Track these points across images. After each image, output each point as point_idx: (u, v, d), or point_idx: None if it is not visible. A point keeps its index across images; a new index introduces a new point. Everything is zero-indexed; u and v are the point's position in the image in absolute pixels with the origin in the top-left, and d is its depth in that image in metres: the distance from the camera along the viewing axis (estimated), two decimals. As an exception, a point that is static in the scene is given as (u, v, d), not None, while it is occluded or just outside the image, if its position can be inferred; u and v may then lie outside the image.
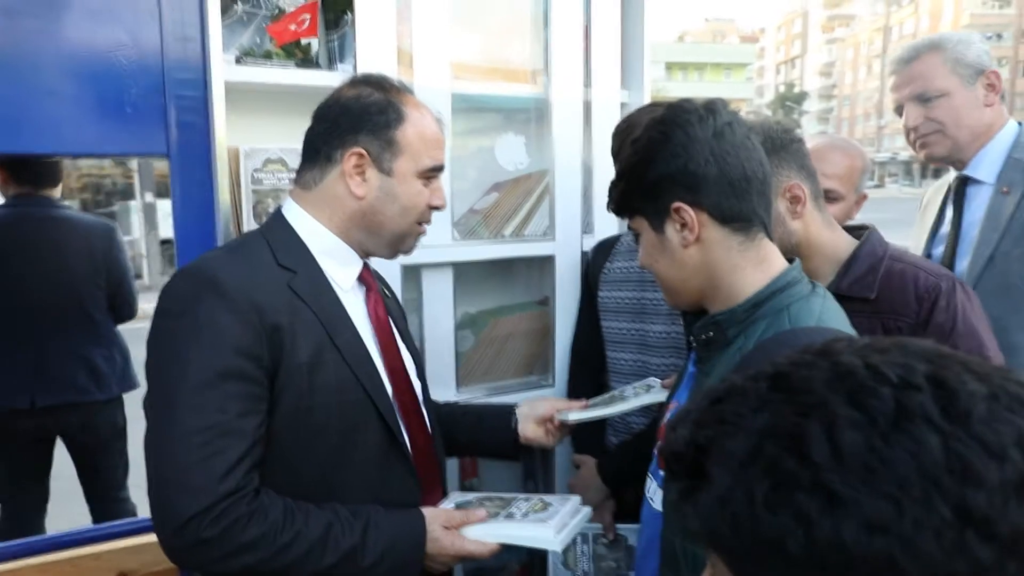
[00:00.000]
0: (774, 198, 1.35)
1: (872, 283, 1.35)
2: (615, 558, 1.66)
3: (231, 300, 1.04)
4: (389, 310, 1.32)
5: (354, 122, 1.17)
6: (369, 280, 1.27)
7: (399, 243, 1.24)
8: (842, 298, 1.34)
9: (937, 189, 1.95)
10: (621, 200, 1.14)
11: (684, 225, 1.04)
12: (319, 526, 1.06)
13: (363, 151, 1.16)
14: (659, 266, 1.10)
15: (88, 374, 2.54)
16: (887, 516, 0.42)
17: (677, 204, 1.04)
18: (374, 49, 1.63)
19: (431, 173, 1.21)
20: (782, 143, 1.37)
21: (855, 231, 1.45)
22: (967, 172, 1.77)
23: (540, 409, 1.41)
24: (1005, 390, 0.46)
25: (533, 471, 2.19)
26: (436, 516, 1.17)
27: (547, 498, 1.29)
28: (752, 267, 1.05)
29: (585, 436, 1.82)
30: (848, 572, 0.43)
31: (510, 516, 1.21)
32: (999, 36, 51.16)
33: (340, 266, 1.20)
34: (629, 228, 1.16)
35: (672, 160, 1.03)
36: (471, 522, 1.18)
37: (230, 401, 1.02)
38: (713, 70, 61.02)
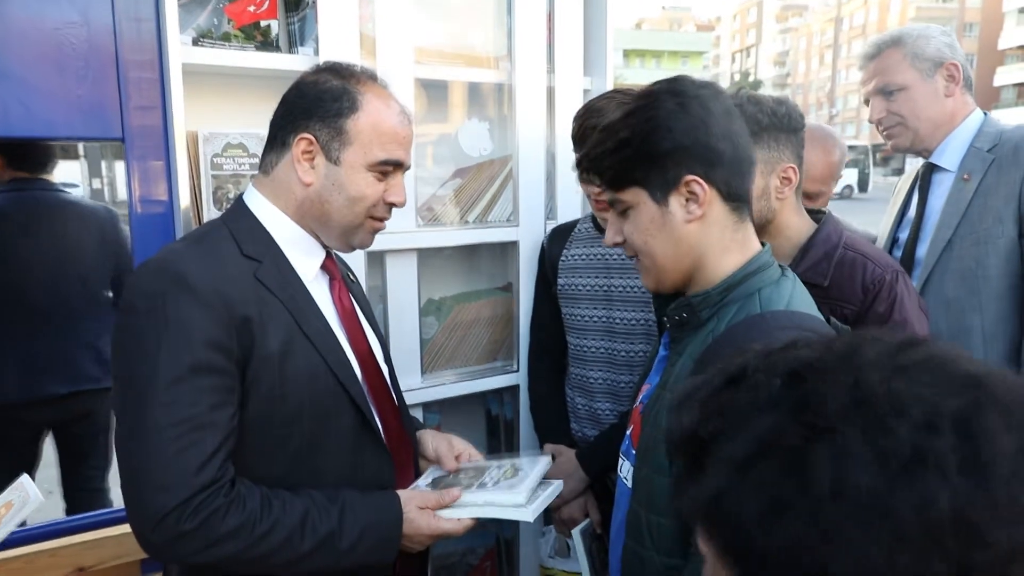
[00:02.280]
0: (770, 171, 1.41)
1: (826, 271, 1.41)
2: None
3: (199, 294, 1.03)
4: (354, 296, 1.32)
5: (307, 108, 1.15)
6: (332, 269, 1.26)
7: (349, 236, 1.21)
8: None
9: (908, 176, 2.01)
10: (620, 169, 1.06)
11: (690, 199, 1.03)
12: (296, 513, 1.06)
13: (311, 137, 1.15)
14: (654, 242, 1.07)
15: (96, 362, 2.49)
16: (878, 563, 0.41)
17: (691, 177, 1.02)
18: (336, 33, 1.61)
19: (383, 167, 1.18)
20: (794, 126, 1.43)
21: (812, 215, 1.51)
22: (932, 160, 1.84)
23: (424, 452, 1.38)
24: None
25: (498, 456, 2.21)
26: (411, 498, 1.18)
27: (518, 462, 1.31)
28: (737, 249, 1.07)
29: (552, 425, 1.84)
30: None
31: (482, 485, 1.23)
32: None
33: (303, 255, 1.19)
34: (613, 202, 1.11)
35: (691, 132, 1.01)
36: (446, 503, 1.19)
37: (202, 394, 1.01)
38: (670, 58, 61.52)
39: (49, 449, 2.61)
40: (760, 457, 0.45)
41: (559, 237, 1.85)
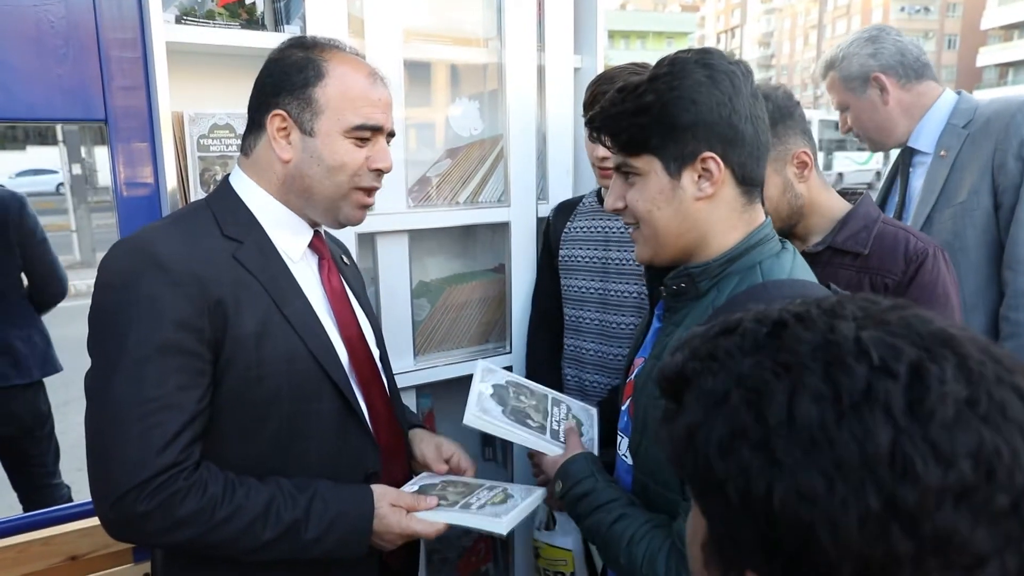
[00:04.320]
0: (783, 165, 1.41)
1: (866, 240, 1.42)
2: None
3: (172, 273, 1.02)
4: (347, 278, 1.30)
5: (275, 84, 1.14)
6: (322, 249, 1.24)
7: (335, 209, 1.18)
8: (835, 251, 1.43)
9: (894, 158, 2.04)
10: (636, 134, 1.02)
11: (703, 177, 1.01)
12: (260, 501, 1.05)
13: (284, 113, 1.13)
14: (659, 214, 1.04)
15: (5, 358, 2.42)
16: (817, 490, 0.44)
17: (708, 154, 1.00)
18: (323, 11, 1.57)
19: (360, 132, 1.14)
20: (788, 111, 1.41)
21: (850, 196, 1.53)
22: (910, 144, 1.88)
23: (415, 449, 1.36)
24: (991, 395, 0.45)
25: (491, 438, 2.21)
26: (384, 494, 1.16)
27: (511, 488, 1.25)
28: (743, 227, 1.05)
29: None
30: (771, 529, 0.46)
31: (467, 506, 1.18)
32: (927, 10, 52.78)
33: (288, 235, 1.18)
34: (621, 165, 1.06)
35: (717, 108, 0.98)
36: (420, 508, 1.17)
37: (169, 375, 1.01)
38: (655, 38, 61.24)
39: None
40: (731, 392, 0.49)
41: (564, 211, 1.86)
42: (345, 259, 1.37)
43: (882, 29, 1.87)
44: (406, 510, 1.16)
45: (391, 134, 1.21)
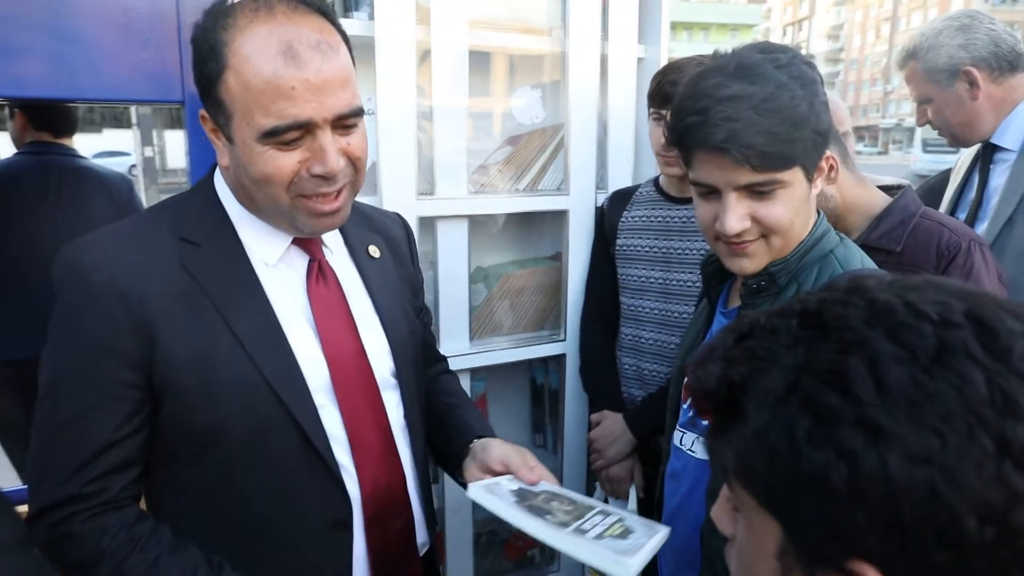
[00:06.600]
0: None
1: (900, 236, 1.39)
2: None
3: (92, 289, 0.90)
4: (366, 277, 1.11)
5: (194, 77, 0.94)
6: (313, 249, 1.05)
7: (290, 219, 0.97)
8: (868, 249, 1.39)
9: (968, 156, 1.96)
10: (792, 148, 0.96)
11: (820, 176, 1.06)
12: None
13: (205, 114, 0.95)
14: (798, 221, 1.02)
15: None
16: (931, 448, 0.44)
17: (830, 154, 1.05)
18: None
19: (279, 136, 0.88)
20: None
21: (891, 190, 1.49)
22: (993, 140, 1.79)
23: (488, 460, 1.12)
24: None
25: (542, 425, 2.22)
26: None
27: (628, 520, 1.02)
28: (810, 221, 1.09)
29: (604, 388, 1.85)
30: (889, 502, 0.44)
31: (580, 532, 0.97)
32: (1013, 0, 50.15)
33: (260, 235, 1.00)
34: (765, 185, 0.98)
35: (826, 111, 1.02)
36: (532, 478, 1.05)
37: (79, 399, 0.91)
38: (719, 30, 59.88)
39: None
40: (799, 383, 0.48)
41: (620, 200, 1.87)
42: (374, 250, 1.15)
43: (974, 16, 1.76)
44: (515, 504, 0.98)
45: (351, 115, 0.92)
